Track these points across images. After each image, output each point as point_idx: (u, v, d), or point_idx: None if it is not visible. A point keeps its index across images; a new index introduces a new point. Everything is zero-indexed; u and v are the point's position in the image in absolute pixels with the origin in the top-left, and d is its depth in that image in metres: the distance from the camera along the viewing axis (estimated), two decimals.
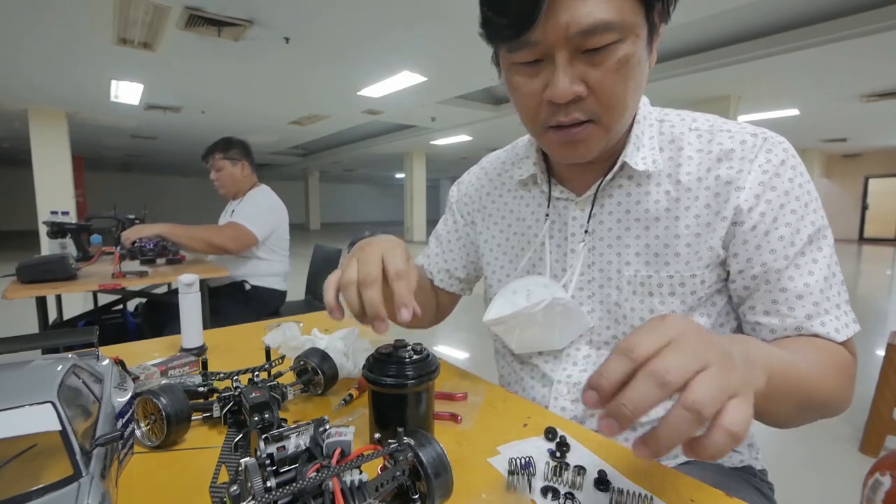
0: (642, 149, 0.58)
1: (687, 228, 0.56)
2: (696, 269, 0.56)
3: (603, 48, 0.47)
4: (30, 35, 4.05)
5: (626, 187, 0.60)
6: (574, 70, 0.48)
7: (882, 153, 12.26)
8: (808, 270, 0.53)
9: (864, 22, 3.88)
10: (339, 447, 0.35)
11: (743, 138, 0.56)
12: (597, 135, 0.53)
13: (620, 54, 0.47)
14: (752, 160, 0.54)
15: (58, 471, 0.29)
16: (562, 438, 0.49)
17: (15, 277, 1.65)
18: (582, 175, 0.63)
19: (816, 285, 0.53)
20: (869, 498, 0.28)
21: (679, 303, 0.57)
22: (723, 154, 0.56)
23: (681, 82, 5.41)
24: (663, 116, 0.62)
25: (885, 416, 1.80)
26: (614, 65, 0.47)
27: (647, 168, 0.57)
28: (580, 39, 0.46)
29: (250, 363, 0.63)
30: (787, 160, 0.55)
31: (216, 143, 2.24)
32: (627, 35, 0.47)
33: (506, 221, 0.73)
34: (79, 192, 8.59)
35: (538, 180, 0.67)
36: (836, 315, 0.53)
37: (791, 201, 0.54)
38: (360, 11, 3.63)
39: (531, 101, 0.53)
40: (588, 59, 0.48)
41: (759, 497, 0.60)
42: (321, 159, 12.98)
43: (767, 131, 0.57)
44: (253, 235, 2.08)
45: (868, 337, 3.52)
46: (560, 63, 0.48)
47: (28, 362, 0.38)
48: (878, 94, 6.00)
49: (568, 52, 0.47)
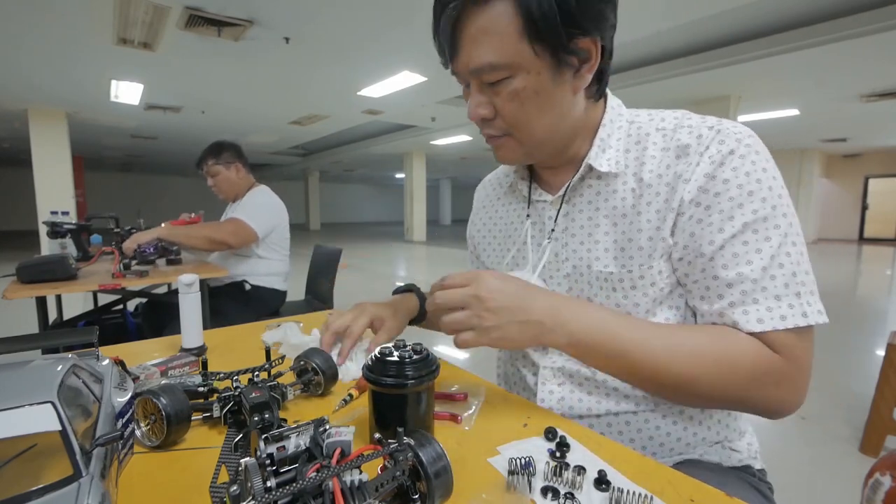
0: (608, 150, 0.63)
1: (648, 223, 0.59)
2: (654, 261, 0.58)
3: (498, 82, 0.56)
4: (30, 35, 4.05)
5: (596, 186, 0.64)
6: (482, 96, 0.59)
7: (882, 153, 12.26)
8: (746, 260, 0.53)
9: (864, 22, 3.88)
10: (339, 447, 0.35)
11: (700, 132, 0.57)
12: (512, 145, 0.63)
13: (511, 88, 0.56)
14: (702, 153, 0.56)
15: (58, 471, 0.29)
16: (562, 438, 0.49)
17: (15, 277, 1.65)
18: (554, 177, 0.70)
19: (751, 274, 0.53)
20: (869, 498, 0.28)
21: (641, 295, 0.60)
22: (680, 150, 0.58)
23: (681, 82, 5.41)
24: (634, 118, 0.65)
25: (885, 416, 1.80)
26: (509, 95, 0.57)
27: (610, 169, 0.62)
28: (476, 75, 0.57)
29: (250, 363, 0.63)
30: (738, 150, 0.55)
31: (207, 150, 2.25)
32: (517, 72, 0.55)
33: (497, 227, 0.80)
34: (79, 192, 8.60)
35: (519, 185, 0.75)
36: (767, 306, 0.52)
37: (730, 189, 0.54)
38: (360, 11, 3.63)
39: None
40: (491, 88, 0.58)
41: (758, 497, 0.60)
42: (321, 159, 12.98)
43: (727, 123, 0.57)
44: (253, 231, 2.08)
45: (868, 337, 3.53)
46: (472, 90, 0.59)
47: (28, 362, 0.38)
48: (878, 94, 6.00)
49: (476, 82, 0.58)
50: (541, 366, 0.67)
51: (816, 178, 12.01)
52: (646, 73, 5.35)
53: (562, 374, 0.65)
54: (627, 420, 0.62)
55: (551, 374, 0.66)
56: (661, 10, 3.67)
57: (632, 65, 5.37)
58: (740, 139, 0.55)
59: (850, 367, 2.85)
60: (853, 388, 2.48)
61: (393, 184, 23.55)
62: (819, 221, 12.77)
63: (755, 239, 0.53)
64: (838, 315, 4.14)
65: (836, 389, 2.48)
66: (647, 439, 0.61)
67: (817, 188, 12.15)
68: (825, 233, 13.09)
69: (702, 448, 0.63)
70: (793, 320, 0.52)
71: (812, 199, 11.94)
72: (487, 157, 12.00)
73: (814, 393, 2.41)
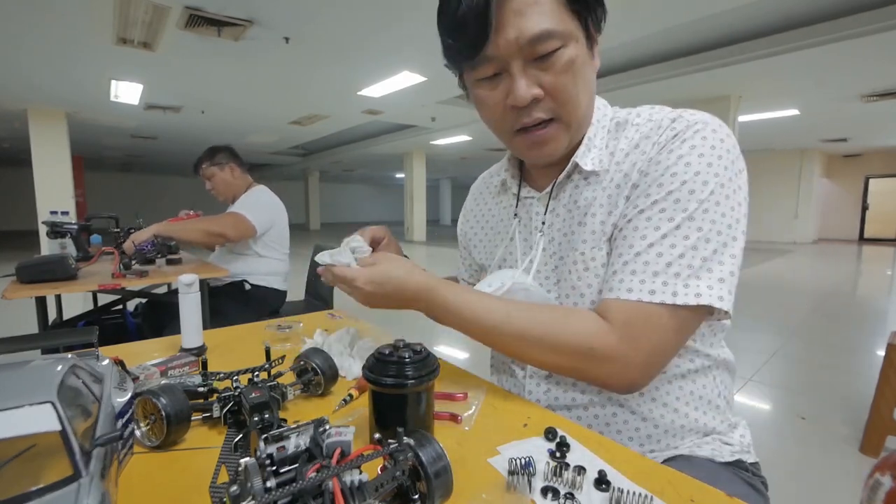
0: (593, 150, 0.64)
1: (601, 207, 0.61)
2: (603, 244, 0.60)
3: (550, 54, 0.55)
4: (30, 35, 4.05)
5: (576, 181, 0.66)
6: (529, 76, 0.56)
7: (882, 153, 12.26)
8: (641, 234, 0.55)
9: (864, 22, 3.88)
10: (339, 447, 0.35)
11: (661, 123, 0.59)
12: (559, 132, 0.61)
13: (566, 58, 0.55)
14: (655, 141, 0.58)
15: (58, 471, 0.29)
16: (562, 438, 0.49)
17: (15, 277, 1.65)
18: (544, 176, 0.71)
19: (637, 247, 0.55)
20: (869, 498, 0.28)
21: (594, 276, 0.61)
22: (640, 139, 0.60)
23: (681, 82, 5.41)
24: (615, 115, 0.67)
25: (885, 416, 1.80)
26: (563, 66, 0.55)
27: (593, 167, 0.63)
28: (530, 48, 0.54)
29: (250, 363, 0.63)
30: (682, 134, 0.56)
31: (202, 155, 2.28)
32: (568, 41, 0.55)
33: (489, 225, 0.82)
34: (79, 192, 8.59)
35: (509, 183, 0.76)
36: (641, 279, 0.54)
37: (659, 169, 0.56)
38: (360, 11, 3.63)
39: (496, 110, 0.61)
40: (539, 65, 0.56)
41: (751, 491, 0.60)
42: (321, 159, 12.98)
43: (689, 112, 0.59)
44: (251, 225, 2.08)
45: (868, 337, 3.53)
46: (516, 72, 0.56)
47: (28, 362, 0.38)
48: (878, 94, 6.00)
49: (521, 61, 0.56)
50: None
51: (816, 178, 12.01)
52: (646, 73, 5.35)
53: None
54: (614, 412, 0.62)
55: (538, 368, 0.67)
56: (661, 10, 3.67)
57: (632, 65, 5.37)
58: (690, 125, 0.56)
59: (850, 367, 2.85)
60: (853, 388, 2.47)
61: (393, 184, 23.54)
62: (819, 221, 12.76)
63: (659, 217, 0.55)
64: (838, 315, 4.14)
65: (836, 389, 2.48)
66: (633, 430, 0.61)
67: (817, 188, 12.15)
68: (825, 233, 13.09)
69: (691, 440, 0.62)
70: (660, 296, 0.53)
71: (812, 200, 11.94)
72: (487, 157, 12.01)
73: (814, 393, 2.43)
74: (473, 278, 0.88)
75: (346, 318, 1.06)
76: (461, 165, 15.33)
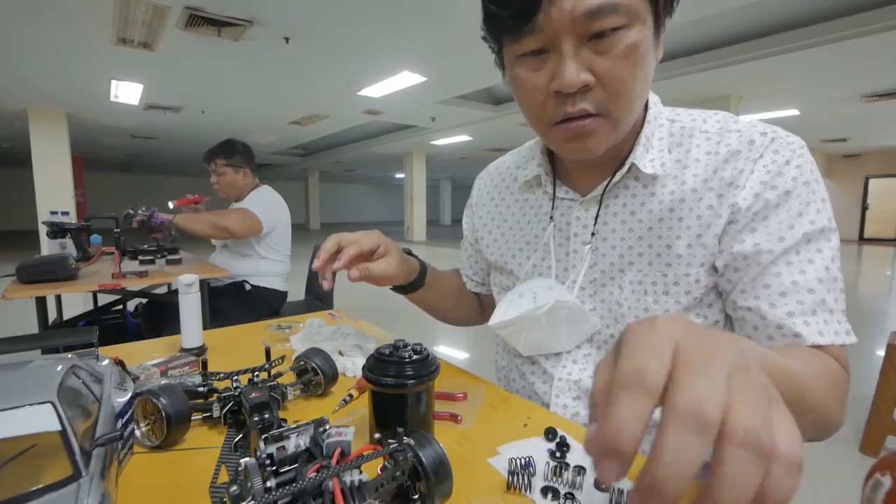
0: (651, 150, 0.57)
1: (689, 230, 0.55)
2: (692, 269, 0.55)
3: (610, 34, 0.46)
4: (30, 35, 4.05)
5: (632, 188, 0.59)
6: (581, 58, 0.47)
7: (882, 153, 12.26)
8: (800, 270, 0.51)
9: (864, 22, 3.88)
10: (339, 447, 0.35)
11: (751, 138, 0.54)
12: (605, 129, 0.52)
13: (629, 41, 0.46)
14: (756, 160, 0.53)
15: (58, 471, 0.29)
16: (562, 438, 0.49)
17: (15, 277, 1.65)
18: (587, 176, 0.63)
19: (806, 284, 0.50)
20: (869, 498, 0.28)
21: (673, 302, 0.56)
22: (729, 155, 0.54)
23: (681, 82, 5.41)
24: (674, 116, 0.61)
25: (885, 416, 1.80)
26: (622, 51, 0.47)
27: (655, 171, 0.56)
28: (586, 22, 0.45)
29: (250, 363, 0.63)
30: (793, 160, 0.53)
31: (219, 147, 2.23)
32: (634, 21, 0.46)
33: (507, 224, 0.73)
34: (79, 192, 8.60)
35: (542, 181, 0.67)
36: (824, 318, 0.50)
37: (790, 200, 0.52)
38: (360, 11, 3.63)
39: (537, 95, 0.52)
40: (594, 46, 0.47)
41: None
42: (321, 159, 12.98)
43: (779, 130, 0.55)
44: (259, 222, 2.09)
45: (868, 337, 3.52)
46: (566, 51, 0.47)
47: (28, 362, 0.38)
48: (878, 95, 6.00)
49: (574, 38, 0.47)
50: (555, 377, 0.63)
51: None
52: None
53: (577, 388, 0.62)
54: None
55: (566, 387, 0.62)
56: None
57: None
58: (795, 150, 0.53)
59: (850, 367, 2.85)
60: (853, 388, 2.47)
61: (393, 184, 23.54)
62: None
63: (811, 250, 0.51)
64: None
65: None
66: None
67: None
68: None
69: None
70: (846, 337, 0.50)
71: None
72: (487, 158, 12.01)
73: None
74: (479, 276, 0.84)
75: (346, 318, 1.06)
76: (461, 165, 15.33)
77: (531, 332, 0.62)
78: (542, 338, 0.63)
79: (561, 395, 0.62)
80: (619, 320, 0.60)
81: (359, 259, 0.64)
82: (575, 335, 0.62)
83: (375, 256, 0.66)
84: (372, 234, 0.66)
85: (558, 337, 0.62)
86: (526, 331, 0.62)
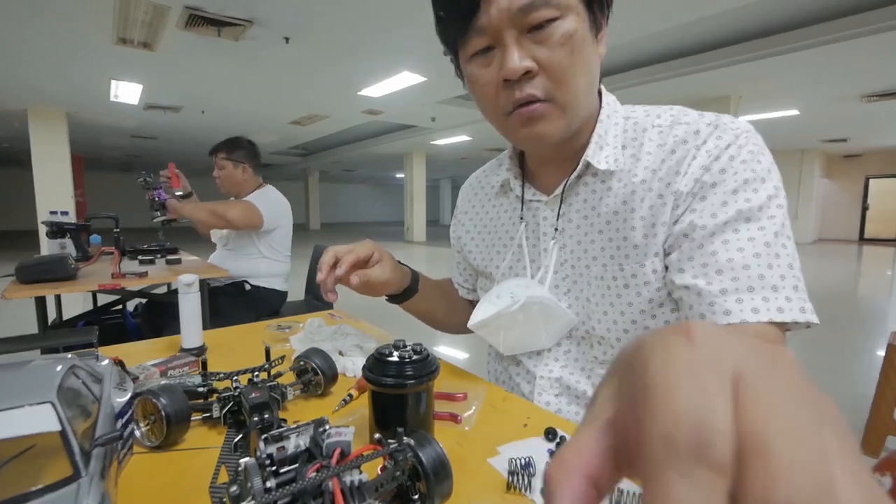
0: (606, 147, 0.60)
1: (643, 220, 0.57)
2: (647, 259, 0.56)
3: (546, 25, 0.51)
4: (30, 35, 4.05)
5: (591, 185, 0.62)
6: (522, 48, 0.52)
7: (882, 153, 12.25)
8: (738, 248, 0.51)
9: (864, 22, 3.87)
10: (339, 447, 0.35)
11: (697, 128, 0.56)
12: (554, 113, 0.55)
13: (563, 29, 0.51)
14: (699, 146, 0.55)
15: (57, 471, 0.29)
16: (562, 438, 0.49)
17: (14, 277, 1.65)
18: (551, 175, 0.66)
19: (742, 261, 0.50)
20: None
21: (635, 294, 0.57)
22: (676, 145, 0.56)
23: (681, 82, 5.41)
24: (629, 114, 0.63)
25: (886, 416, 1.80)
26: (559, 39, 0.51)
27: (608, 167, 0.59)
28: (522, 16, 0.50)
29: (250, 363, 0.63)
30: (735, 142, 0.53)
31: (224, 142, 2.24)
32: (567, 12, 0.51)
33: (487, 229, 0.77)
34: (79, 192, 8.59)
35: (512, 185, 0.71)
36: (763, 296, 0.49)
37: (726, 177, 0.52)
38: (360, 11, 3.63)
39: (489, 89, 0.56)
40: (534, 37, 0.52)
41: None
42: (321, 159, 12.97)
43: (725, 118, 0.56)
44: (260, 215, 2.09)
45: (868, 337, 3.52)
46: (508, 41, 0.52)
47: (28, 362, 0.38)
48: (878, 95, 6.00)
49: (514, 31, 0.52)
50: (537, 375, 0.66)
51: (817, 179, 11.99)
52: (646, 73, 5.35)
53: (558, 385, 0.64)
54: None
55: (548, 384, 0.65)
56: (662, 11, 3.67)
57: (632, 65, 5.36)
58: (738, 133, 0.54)
59: (850, 368, 2.85)
60: (853, 388, 2.47)
61: (393, 184, 23.55)
62: (819, 221, 12.75)
63: (747, 227, 0.51)
64: (838, 315, 4.12)
65: (836, 390, 2.47)
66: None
67: (817, 188, 12.14)
68: (825, 233, 13.08)
69: None
70: (798, 314, 0.49)
71: (812, 200, 11.93)
72: (487, 158, 11.98)
73: None
74: (469, 283, 0.86)
75: (346, 318, 1.06)
76: (461, 165, 15.33)
77: (509, 330, 0.64)
78: (521, 336, 0.65)
79: (543, 392, 0.65)
80: (591, 316, 0.61)
81: (357, 266, 0.68)
82: (553, 331, 0.64)
83: (371, 263, 0.70)
84: (366, 244, 0.71)
85: (537, 334, 0.64)
86: (503, 329, 0.64)
